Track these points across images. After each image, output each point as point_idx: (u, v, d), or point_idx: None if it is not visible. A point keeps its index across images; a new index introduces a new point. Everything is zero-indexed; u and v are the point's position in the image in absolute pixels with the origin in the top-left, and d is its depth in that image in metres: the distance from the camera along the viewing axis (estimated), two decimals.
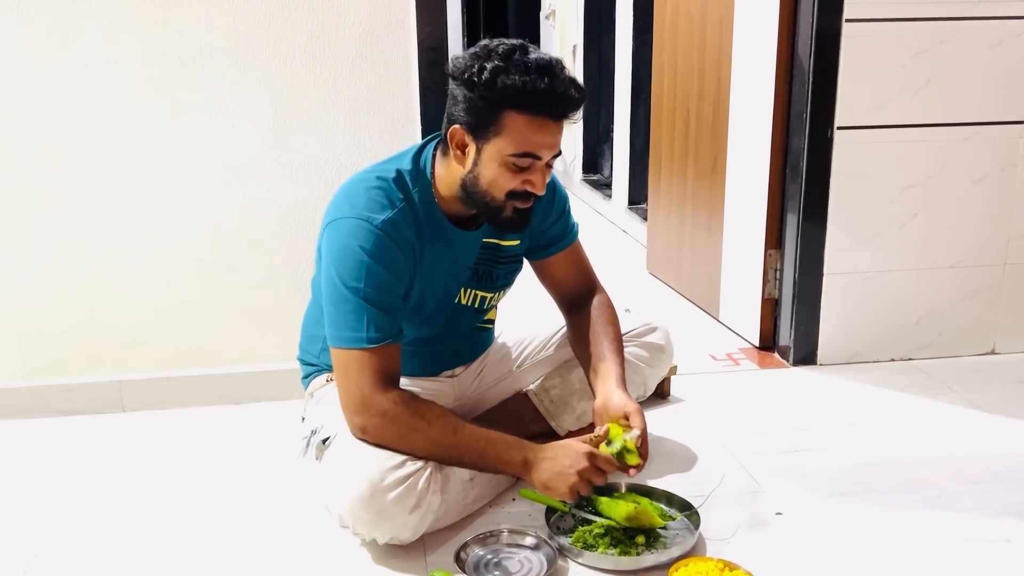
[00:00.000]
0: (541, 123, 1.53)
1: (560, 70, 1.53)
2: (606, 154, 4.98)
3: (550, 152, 1.57)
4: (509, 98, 1.50)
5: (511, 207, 1.61)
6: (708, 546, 1.60)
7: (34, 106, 2.09)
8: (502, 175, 1.57)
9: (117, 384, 2.25)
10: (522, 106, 1.51)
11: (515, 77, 1.49)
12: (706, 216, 2.94)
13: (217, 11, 2.08)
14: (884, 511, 1.74)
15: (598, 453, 1.58)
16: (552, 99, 1.51)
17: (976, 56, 2.34)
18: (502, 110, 1.52)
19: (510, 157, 1.55)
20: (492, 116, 1.53)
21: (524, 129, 1.52)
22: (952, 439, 2.06)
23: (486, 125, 1.54)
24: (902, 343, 2.52)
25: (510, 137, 1.53)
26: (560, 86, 1.51)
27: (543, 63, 1.52)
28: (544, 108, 1.52)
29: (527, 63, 1.51)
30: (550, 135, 1.55)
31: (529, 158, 1.55)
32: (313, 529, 1.68)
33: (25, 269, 2.18)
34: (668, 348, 2.05)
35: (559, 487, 1.56)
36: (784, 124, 2.45)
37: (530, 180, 1.58)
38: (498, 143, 1.54)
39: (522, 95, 1.50)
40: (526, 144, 1.54)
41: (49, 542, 1.67)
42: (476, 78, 1.51)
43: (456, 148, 1.59)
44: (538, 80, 1.49)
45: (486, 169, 1.57)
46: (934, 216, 2.43)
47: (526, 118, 1.52)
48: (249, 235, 2.23)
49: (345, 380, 1.58)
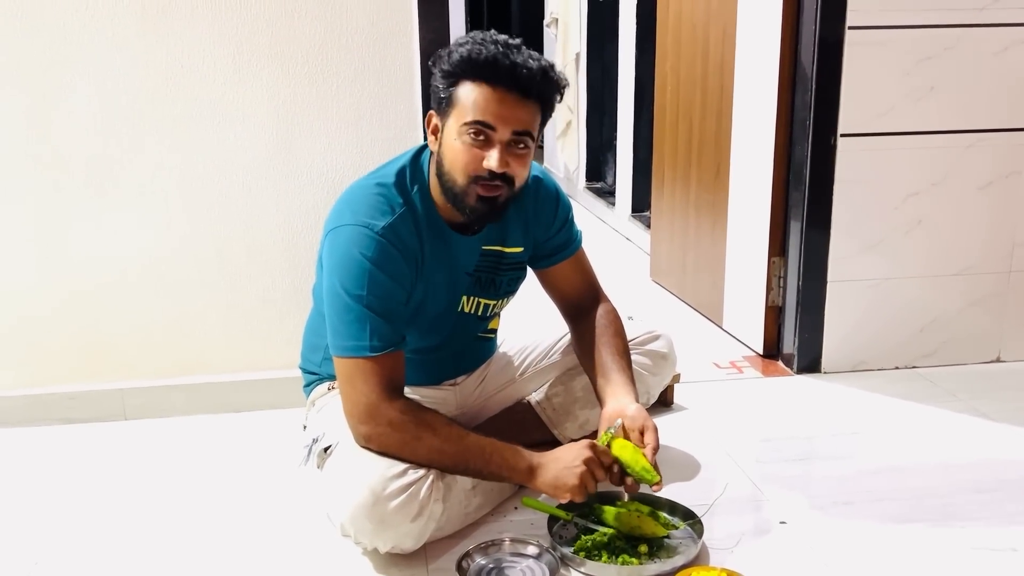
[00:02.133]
0: (496, 94, 1.52)
1: (525, 50, 1.54)
2: (609, 162, 4.98)
3: (505, 125, 1.53)
4: (462, 68, 1.53)
5: (474, 193, 1.57)
6: (711, 555, 1.60)
7: (37, 115, 2.09)
8: (460, 151, 1.55)
9: (119, 392, 2.25)
10: (472, 74, 1.52)
11: (470, 46, 1.53)
12: (709, 223, 2.93)
13: (220, 19, 2.09)
14: (889, 520, 1.73)
15: (597, 446, 1.58)
16: (500, 67, 1.51)
17: (980, 63, 2.33)
18: (459, 80, 1.54)
19: (464, 127, 1.54)
20: (450, 89, 1.55)
21: (478, 98, 1.52)
22: (958, 447, 2.05)
23: (448, 100, 1.56)
24: (907, 351, 2.51)
25: (463, 106, 1.54)
26: (518, 58, 1.52)
27: (508, 42, 1.53)
28: (498, 77, 1.51)
29: (493, 39, 1.54)
30: (506, 107, 1.52)
31: (481, 127, 1.53)
32: (315, 538, 1.68)
33: (28, 277, 2.18)
34: (671, 356, 2.04)
35: (568, 480, 1.54)
36: (787, 131, 2.44)
37: (486, 155, 1.54)
38: (455, 114, 1.55)
39: (473, 63, 1.52)
40: (478, 112, 1.52)
41: (51, 550, 1.67)
42: (442, 59, 1.56)
43: (431, 134, 1.62)
44: (496, 52, 1.51)
45: (447, 148, 1.58)
46: (938, 223, 2.43)
47: (480, 87, 1.52)
48: (251, 243, 2.23)
49: (350, 389, 1.58)
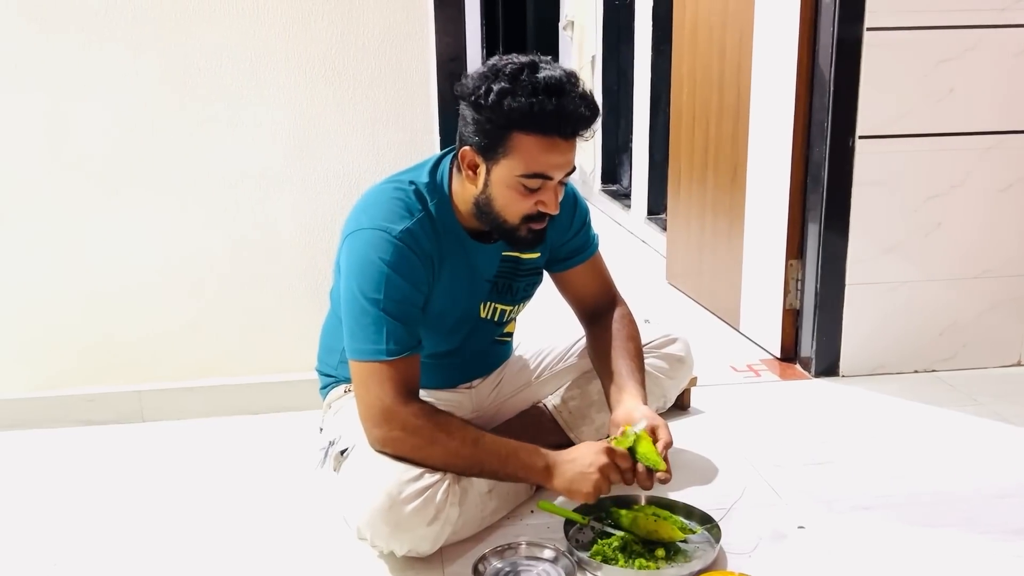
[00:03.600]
0: (550, 143, 1.50)
1: (572, 86, 1.50)
2: (625, 164, 4.97)
3: (561, 171, 1.55)
4: (516, 120, 1.48)
5: (526, 228, 1.60)
6: (729, 560, 1.59)
7: (55, 119, 2.11)
8: (513, 198, 1.55)
9: (137, 394, 2.26)
10: (529, 127, 1.49)
11: (521, 99, 1.47)
12: (726, 226, 2.92)
13: (237, 24, 2.10)
14: (908, 525, 1.71)
15: (615, 449, 1.57)
16: (560, 119, 1.48)
17: (1000, 64, 2.31)
18: (510, 131, 1.50)
19: (520, 178, 1.53)
20: (500, 138, 1.51)
21: (533, 150, 1.50)
22: (978, 452, 2.03)
23: (495, 147, 1.52)
24: (926, 354, 2.49)
25: (519, 158, 1.51)
26: (569, 104, 1.48)
27: (552, 81, 1.48)
28: (552, 128, 1.49)
29: (535, 83, 1.48)
30: (560, 154, 1.52)
31: (539, 179, 1.53)
32: (331, 541, 1.68)
33: (46, 280, 2.19)
34: (688, 359, 2.03)
35: (583, 486, 1.55)
36: (805, 133, 2.43)
37: (543, 201, 1.56)
38: (508, 164, 1.53)
39: (529, 117, 1.47)
40: (535, 165, 1.52)
41: (70, 551, 1.68)
42: (483, 100, 1.50)
43: (468, 168, 1.59)
44: (545, 101, 1.47)
45: (497, 191, 1.56)
46: (958, 226, 2.41)
47: (534, 139, 1.50)
48: (268, 246, 2.24)
49: (365, 392, 1.58)
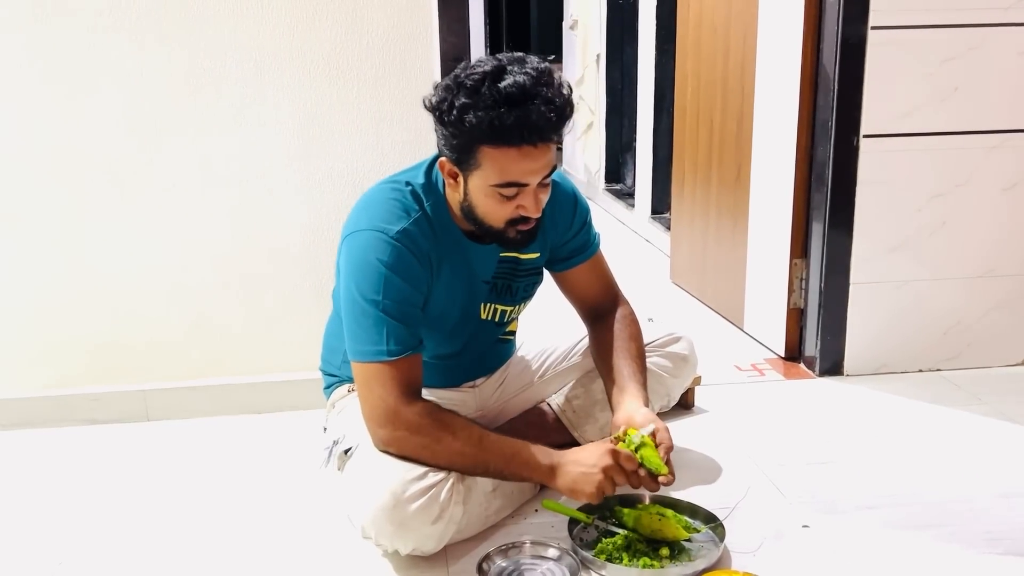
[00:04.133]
0: (519, 152, 1.48)
1: (538, 92, 1.45)
2: (629, 163, 4.96)
3: (536, 176, 1.53)
4: (479, 135, 1.47)
5: (513, 231, 1.60)
6: (733, 559, 1.59)
7: (60, 118, 2.11)
8: (493, 205, 1.55)
9: (142, 394, 2.27)
10: (494, 141, 1.47)
11: (481, 114, 1.44)
12: (730, 225, 2.92)
13: (242, 23, 2.10)
14: (913, 524, 1.71)
15: (620, 450, 1.57)
16: (523, 130, 1.45)
17: (1005, 63, 2.31)
18: (476, 145, 1.49)
19: (494, 188, 1.53)
20: (469, 151, 1.50)
21: (502, 161, 1.49)
22: (983, 451, 2.03)
23: (466, 160, 1.52)
24: (930, 354, 2.48)
25: (490, 169, 1.51)
26: (533, 113, 1.44)
27: (514, 90, 1.44)
28: (516, 139, 1.46)
29: (495, 95, 1.44)
30: (532, 160, 1.50)
31: (514, 187, 1.53)
32: (335, 539, 1.68)
33: (51, 280, 2.20)
34: (692, 358, 2.04)
35: (586, 487, 1.55)
36: (809, 132, 2.43)
37: (523, 205, 1.55)
38: (481, 175, 1.52)
39: (491, 131, 1.45)
40: (507, 175, 1.51)
41: (74, 550, 1.68)
42: (446, 116, 1.49)
43: (448, 177, 1.60)
44: (506, 114, 1.43)
45: (476, 200, 1.56)
46: (963, 225, 2.40)
47: (501, 151, 1.48)
48: (272, 245, 2.24)
49: (368, 393, 1.58)
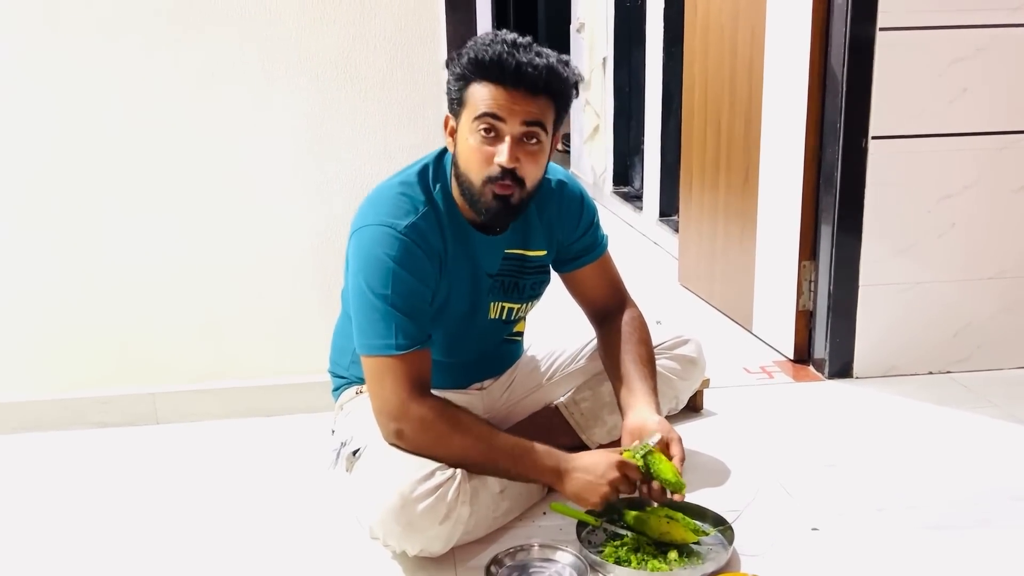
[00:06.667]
0: (500, 89, 1.55)
1: (538, 50, 1.57)
2: (637, 166, 4.96)
3: (513, 118, 1.56)
4: (469, 71, 1.57)
5: (489, 192, 1.60)
6: (742, 561, 1.59)
7: (69, 121, 2.12)
8: (473, 149, 1.59)
9: (151, 397, 2.27)
10: (478, 75, 1.56)
11: (474, 51, 1.57)
12: (738, 227, 2.91)
13: (249, 27, 2.11)
14: (922, 527, 1.70)
15: (627, 462, 1.58)
16: (506, 66, 1.54)
17: (1014, 64, 2.30)
18: (467, 83, 1.58)
19: (474, 122, 1.57)
20: (461, 91, 1.60)
21: (483, 93, 1.56)
22: (993, 454, 2.02)
23: (459, 100, 1.60)
24: (940, 356, 2.47)
25: (472, 104, 1.58)
26: (524, 56, 1.55)
27: (516, 41, 1.57)
28: (495, 75, 1.55)
29: (499, 40, 1.56)
30: (511, 100, 1.55)
31: (490, 119, 1.56)
32: (344, 541, 1.69)
33: (60, 282, 2.20)
34: (700, 361, 2.03)
35: (590, 497, 1.57)
36: (817, 134, 2.42)
37: (497, 151, 1.57)
38: (466, 114, 1.59)
39: (479, 64, 1.56)
40: (483, 106, 1.56)
41: (83, 553, 1.69)
42: (452, 64, 1.62)
43: (449, 135, 1.66)
44: (499, 49, 1.55)
45: (461, 148, 1.62)
46: (972, 226, 2.39)
47: (483, 85, 1.56)
48: (280, 248, 2.24)
49: (379, 387, 1.59)
